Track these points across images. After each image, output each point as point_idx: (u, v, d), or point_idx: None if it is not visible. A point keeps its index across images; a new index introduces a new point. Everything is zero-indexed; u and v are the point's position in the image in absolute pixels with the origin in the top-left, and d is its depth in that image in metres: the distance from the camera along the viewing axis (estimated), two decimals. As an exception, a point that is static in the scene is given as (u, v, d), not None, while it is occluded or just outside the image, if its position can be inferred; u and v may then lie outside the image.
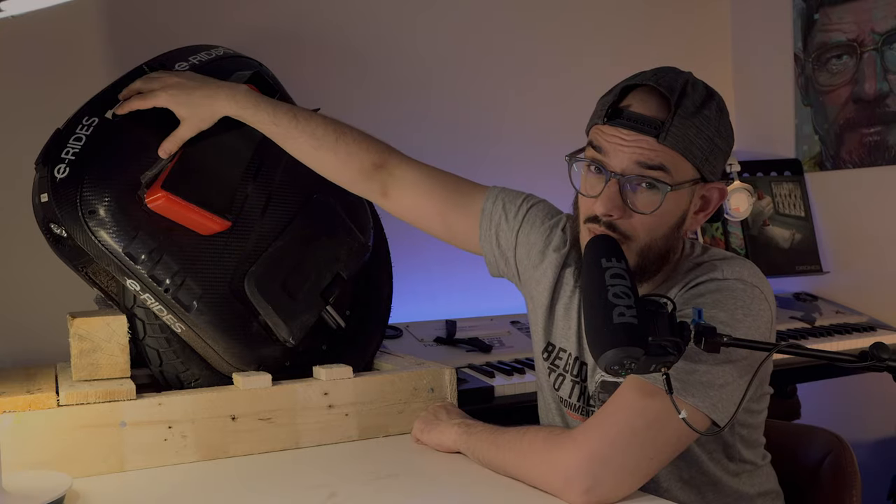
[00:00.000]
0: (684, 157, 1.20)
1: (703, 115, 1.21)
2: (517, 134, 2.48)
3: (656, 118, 1.19)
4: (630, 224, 1.22)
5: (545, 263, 1.43)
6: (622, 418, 1.15)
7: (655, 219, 1.21)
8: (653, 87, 1.21)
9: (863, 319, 2.51)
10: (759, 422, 1.35)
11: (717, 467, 1.31)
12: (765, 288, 1.25)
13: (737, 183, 2.53)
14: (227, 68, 1.55)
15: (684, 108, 1.19)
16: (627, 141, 1.20)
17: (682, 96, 1.20)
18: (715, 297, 1.21)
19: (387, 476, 1.29)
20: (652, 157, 1.19)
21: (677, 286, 1.28)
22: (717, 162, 1.25)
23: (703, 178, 1.24)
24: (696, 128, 1.20)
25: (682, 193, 1.23)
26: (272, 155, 1.53)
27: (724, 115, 1.25)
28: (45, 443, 1.26)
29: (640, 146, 1.19)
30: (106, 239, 1.35)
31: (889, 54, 2.48)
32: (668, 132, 1.18)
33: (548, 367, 1.44)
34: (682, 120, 1.19)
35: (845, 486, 1.43)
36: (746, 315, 1.20)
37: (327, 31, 2.24)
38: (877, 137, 2.52)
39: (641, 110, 1.21)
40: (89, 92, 1.47)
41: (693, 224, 1.28)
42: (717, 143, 1.23)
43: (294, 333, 1.48)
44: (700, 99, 1.22)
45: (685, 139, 1.19)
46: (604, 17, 2.65)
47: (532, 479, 1.19)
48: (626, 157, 1.20)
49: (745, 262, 1.28)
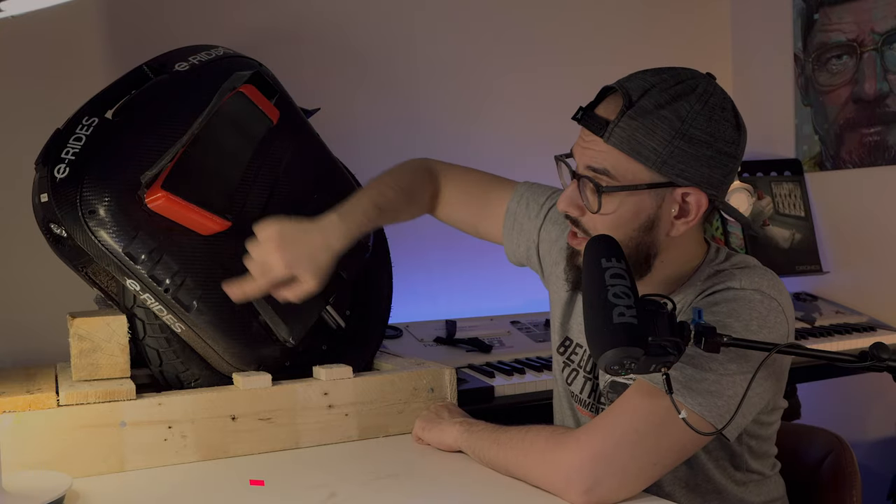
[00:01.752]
0: (633, 157, 1.19)
1: (662, 114, 1.17)
2: (517, 134, 2.48)
3: (606, 118, 1.20)
4: (590, 223, 1.25)
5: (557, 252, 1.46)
6: (627, 420, 1.14)
7: (612, 219, 1.22)
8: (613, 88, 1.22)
9: (863, 319, 2.51)
10: (769, 434, 1.34)
11: (722, 475, 1.30)
12: (783, 300, 1.23)
13: (737, 183, 2.53)
14: (227, 68, 1.54)
15: (638, 108, 1.17)
16: (586, 142, 1.24)
17: (642, 96, 1.18)
18: (731, 307, 1.19)
19: (387, 476, 1.29)
20: (597, 159, 1.21)
21: (694, 293, 1.27)
22: (689, 165, 1.18)
23: (670, 182, 1.20)
24: (648, 129, 1.17)
25: (639, 196, 1.20)
26: (272, 155, 1.54)
27: (701, 116, 1.18)
28: (45, 443, 1.26)
29: (592, 147, 1.22)
30: (106, 239, 1.35)
31: (889, 54, 2.48)
32: (611, 132, 1.19)
33: (563, 362, 1.45)
34: (629, 120, 1.18)
35: (845, 486, 1.43)
36: (762, 327, 1.18)
37: (327, 31, 2.24)
38: (877, 137, 2.52)
39: (600, 111, 1.23)
40: (89, 92, 1.47)
41: (676, 230, 1.23)
42: (678, 144, 1.17)
43: (294, 333, 1.48)
44: (668, 96, 1.18)
45: (632, 140, 1.18)
46: (603, 18, 2.65)
47: (533, 479, 1.19)
48: (581, 157, 1.24)
49: (766, 273, 1.26)
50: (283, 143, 1.56)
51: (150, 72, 1.51)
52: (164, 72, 1.51)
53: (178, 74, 1.51)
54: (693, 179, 1.20)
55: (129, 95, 1.47)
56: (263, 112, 1.52)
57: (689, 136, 1.17)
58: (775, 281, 1.25)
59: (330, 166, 1.65)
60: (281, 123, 1.55)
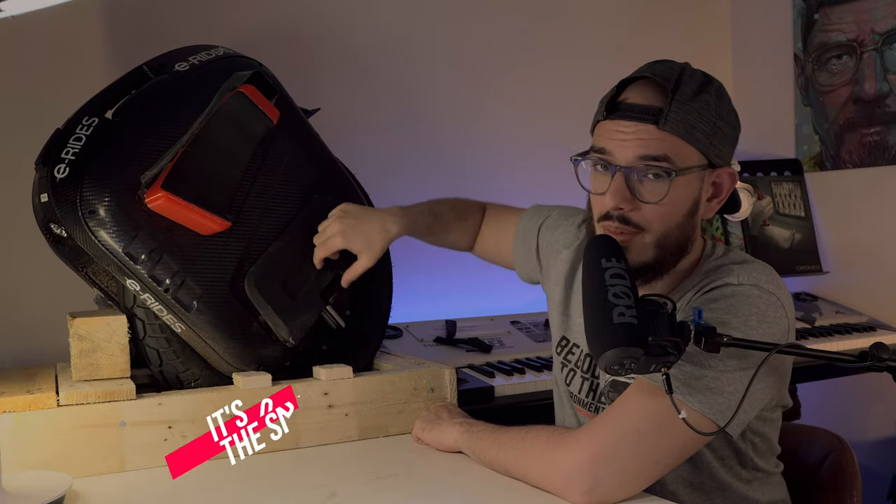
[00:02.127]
0: (687, 141, 1.21)
1: (702, 98, 1.22)
2: (517, 133, 2.48)
3: (654, 106, 1.21)
4: (642, 215, 1.23)
5: (559, 259, 1.48)
6: (627, 420, 1.14)
7: (666, 207, 1.22)
8: (649, 77, 1.23)
9: (863, 319, 2.50)
10: (772, 431, 1.34)
11: (728, 473, 1.30)
12: (782, 295, 1.23)
13: (737, 183, 2.53)
14: (227, 68, 1.54)
15: (681, 94, 1.21)
16: (628, 133, 1.21)
17: (678, 83, 1.21)
18: (729, 303, 1.19)
19: (387, 476, 1.29)
20: (654, 147, 1.20)
21: (693, 289, 1.27)
22: (723, 146, 1.25)
23: (710, 164, 1.24)
24: (696, 112, 1.21)
25: (690, 179, 1.23)
26: (272, 155, 1.54)
27: (724, 99, 1.25)
28: (45, 443, 1.26)
29: (641, 136, 1.20)
30: (106, 239, 1.35)
31: (889, 54, 2.48)
32: (667, 118, 1.19)
33: (561, 362, 1.45)
34: (679, 105, 1.20)
35: (845, 486, 1.43)
36: (761, 322, 1.18)
37: (327, 31, 2.24)
38: (877, 137, 2.52)
39: (639, 100, 1.22)
40: (89, 92, 1.47)
41: (707, 212, 1.29)
42: (720, 126, 1.23)
43: (294, 333, 1.48)
44: (697, 84, 1.23)
45: (685, 123, 1.20)
46: (604, 18, 2.65)
47: (533, 479, 1.19)
48: (629, 149, 1.21)
49: (764, 268, 1.26)
50: (283, 143, 1.56)
51: (150, 72, 1.51)
52: (164, 72, 1.51)
53: (178, 74, 1.51)
54: (724, 159, 1.27)
55: (129, 95, 1.47)
56: (263, 112, 1.52)
57: (723, 118, 1.24)
58: (773, 276, 1.25)
59: (330, 166, 1.65)
60: (281, 123, 1.55)
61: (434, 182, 2.34)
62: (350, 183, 1.68)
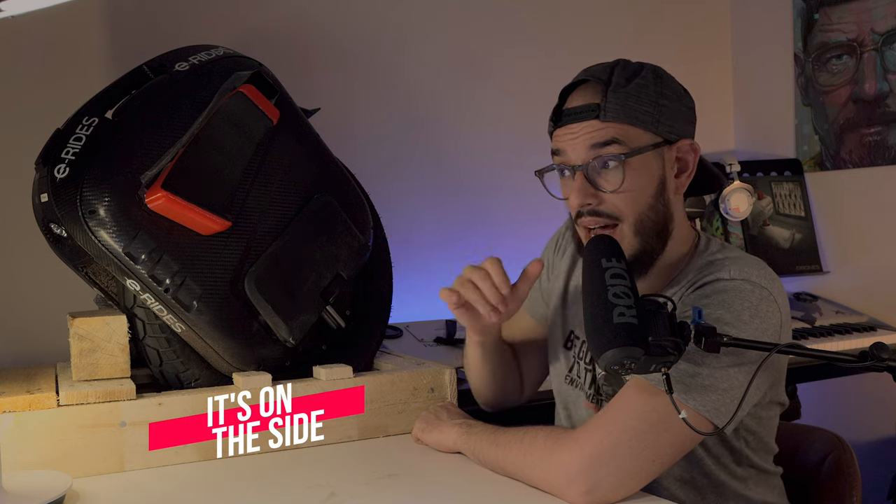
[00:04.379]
0: (631, 125, 1.25)
1: (637, 83, 1.26)
2: (518, 132, 2.48)
3: (593, 103, 1.26)
4: (611, 205, 1.27)
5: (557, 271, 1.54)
6: (624, 419, 1.14)
7: (631, 193, 1.26)
8: (583, 79, 1.30)
9: (863, 319, 2.50)
10: (767, 430, 1.34)
11: (722, 471, 1.30)
12: (774, 289, 1.23)
13: (737, 183, 2.53)
14: (227, 68, 1.54)
15: (615, 85, 1.26)
16: (576, 133, 1.27)
17: (610, 76, 1.27)
18: (721, 298, 1.20)
19: (387, 476, 1.29)
20: (600, 136, 1.25)
21: (686, 283, 1.28)
22: (675, 121, 1.28)
23: (666, 141, 1.28)
24: (634, 95, 1.25)
25: (646, 160, 1.26)
26: (272, 155, 1.53)
27: (663, 78, 1.29)
28: (45, 443, 1.26)
29: (587, 131, 1.26)
30: (106, 239, 1.35)
31: (889, 54, 2.48)
32: (605, 110, 1.25)
33: (572, 357, 1.46)
34: (615, 94, 1.25)
35: (845, 486, 1.43)
36: (753, 316, 1.18)
37: (327, 31, 2.24)
38: (877, 137, 2.52)
39: (580, 102, 1.28)
40: (89, 92, 1.47)
41: (679, 188, 1.31)
42: (663, 103, 1.27)
43: (294, 333, 1.48)
44: (630, 72, 1.28)
45: (626, 108, 1.25)
46: (603, 18, 2.65)
47: (532, 479, 1.19)
48: (580, 146, 1.27)
49: (757, 262, 1.27)
50: (283, 143, 1.56)
51: (149, 72, 1.51)
52: (163, 72, 1.51)
53: (178, 74, 1.51)
54: (681, 133, 1.30)
55: (129, 95, 1.47)
56: (263, 112, 1.52)
57: (666, 95, 1.28)
58: (766, 270, 1.26)
59: (330, 166, 1.65)
60: (281, 123, 1.55)
61: (434, 182, 2.35)
62: (350, 183, 1.68)
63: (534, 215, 1.77)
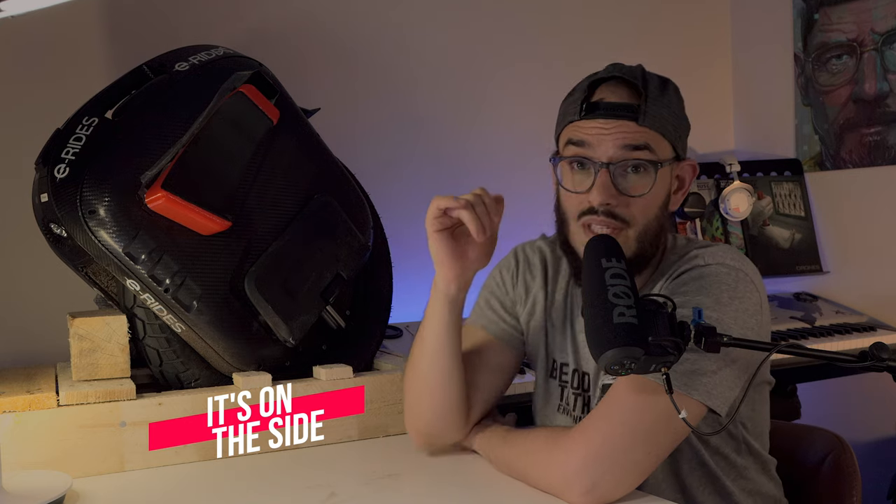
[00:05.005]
0: (662, 135, 1.25)
1: (668, 95, 1.27)
2: (518, 132, 2.48)
3: (632, 103, 1.24)
4: (628, 210, 1.25)
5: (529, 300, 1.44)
6: (619, 416, 1.15)
7: (648, 200, 1.25)
8: (619, 77, 1.27)
9: (863, 319, 2.50)
10: (761, 411, 1.35)
11: (722, 462, 1.30)
12: (749, 270, 1.25)
13: (737, 183, 2.53)
14: (227, 68, 1.54)
15: (651, 92, 1.25)
16: (609, 129, 1.24)
17: (645, 81, 1.26)
18: (699, 284, 1.21)
19: (387, 476, 1.29)
20: (636, 139, 1.23)
21: (663, 279, 1.29)
22: (685, 139, 1.31)
23: (677, 157, 1.29)
24: (666, 107, 1.26)
25: (665, 171, 1.27)
26: (272, 155, 1.54)
27: (679, 95, 1.31)
28: (45, 443, 1.26)
29: (622, 131, 1.23)
30: (106, 239, 1.35)
31: (889, 54, 2.48)
32: (644, 114, 1.24)
33: (559, 385, 1.42)
34: (652, 101, 1.25)
35: (845, 486, 1.43)
36: (732, 298, 1.20)
37: (327, 31, 2.24)
38: (877, 137, 2.52)
39: (616, 99, 1.26)
40: (89, 92, 1.47)
41: (674, 204, 1.32)
42: (682, 120, 1.30)
43: (294, 333, 1.48)
44: (660, 81, 1.28)
45: (660, 118, 1.25)
46: (603, 18, 2.65)
47: (532, 479, 1.20)
48: (611, 144, 1.24)
49: (728, 248, 1.29)
50: (283, 143, 1.56)
51: (149, 72, 1.51)
52: (163, 72, 1.51)
53: (178, 74, 1.51)
54: (685, 152, 1.32)
55: (129, 95, 1.47)
56: (263, 112, 1.52)
57: (683, 113, 1.30)
58: (738, 254, 1.28)
59: (330, 166, 1.65)
60: (281, 123, 1.55)
61: (434, 182, 2.34)
62: (350, 183, 1.68)
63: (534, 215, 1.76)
